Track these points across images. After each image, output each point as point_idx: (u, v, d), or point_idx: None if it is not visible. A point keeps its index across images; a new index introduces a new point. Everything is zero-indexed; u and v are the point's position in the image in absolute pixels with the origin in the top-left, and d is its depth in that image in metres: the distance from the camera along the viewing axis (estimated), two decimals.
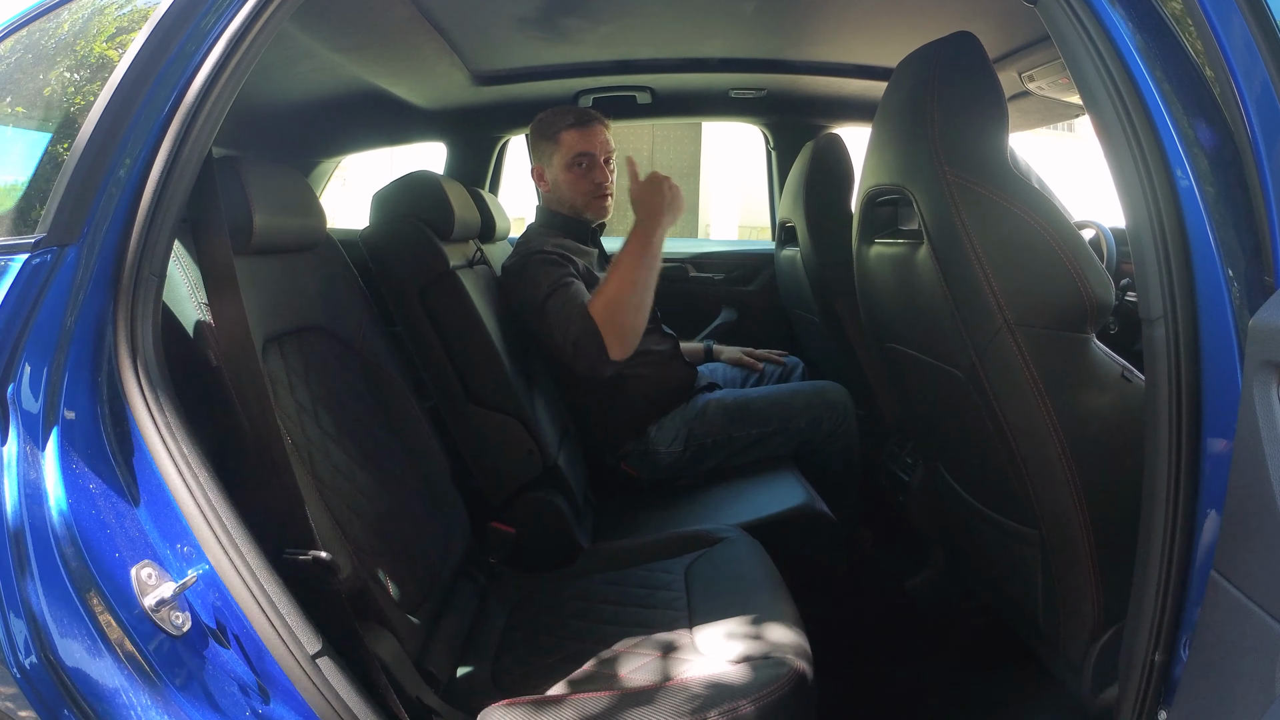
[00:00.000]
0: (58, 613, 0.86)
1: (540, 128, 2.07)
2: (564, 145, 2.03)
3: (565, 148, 2.03)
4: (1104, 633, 1.17)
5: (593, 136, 2.03)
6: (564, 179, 2.04)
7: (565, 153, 2.03)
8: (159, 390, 0.92)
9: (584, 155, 2.03)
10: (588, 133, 2.02)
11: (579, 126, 2.02)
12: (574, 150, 2.02)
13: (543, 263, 1.89)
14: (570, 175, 2.03)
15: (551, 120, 2.06)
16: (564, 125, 2.03)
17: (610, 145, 2.07)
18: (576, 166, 2.03)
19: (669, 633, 1.24)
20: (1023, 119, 2.43)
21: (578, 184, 2.04)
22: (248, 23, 0.97)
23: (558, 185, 2.06)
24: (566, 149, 2.03)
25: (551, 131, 2.04)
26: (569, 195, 2.05)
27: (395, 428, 1.46)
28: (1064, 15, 0.91)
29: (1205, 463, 0.83)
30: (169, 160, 0.94)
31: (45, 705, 0.86)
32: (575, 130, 2.02)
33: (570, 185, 2.04)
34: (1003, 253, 1.12)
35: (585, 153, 2.02)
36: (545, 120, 2.07)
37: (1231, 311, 0.80)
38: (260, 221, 1.16)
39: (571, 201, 2.06)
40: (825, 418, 2.07)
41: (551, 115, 2.07)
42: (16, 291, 0.91)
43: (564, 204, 2.07)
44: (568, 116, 2.04)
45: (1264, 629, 0.67)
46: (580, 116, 2.04)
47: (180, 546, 0.91)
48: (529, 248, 1.95)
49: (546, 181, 2.09)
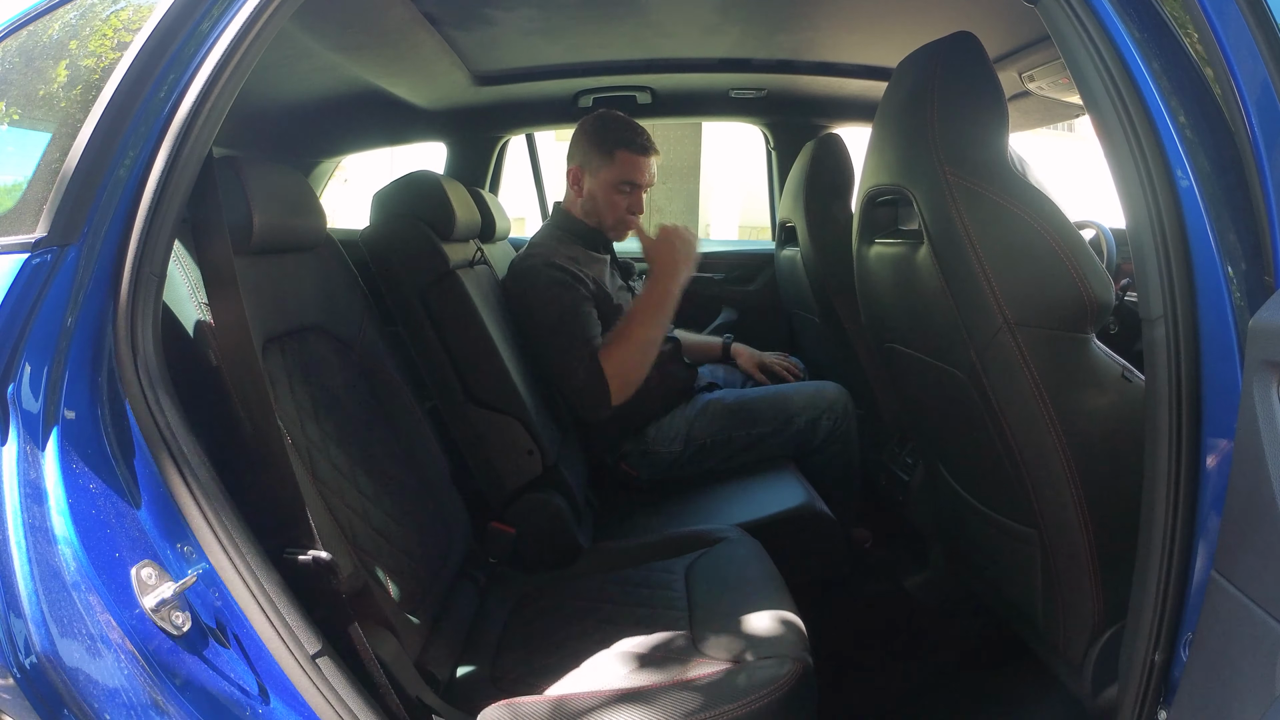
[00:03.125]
0: (58, 613, 0.86)
1: (596, 134, 2.02)
2: (617, 164, 1.99)
3: (617, 168, 1.99)
4: (1104, 633, 1.17)
5: (646, 167, 2.01)
6: (603, 196, 2.02)
7: (616, 173, 2.00)
8: (159, 390, 0.92)
9: (632, 184, 2.01)
10: (644, 161, 2.00)
11: (638, 153, 1.99)
12: (625, 176, 1.99)
13: (554, 282, 1.87)
14: (612, 197, 2.01)
15: (612, 133, 2.00)
16: (623, 145, 1.99)
17: (655, 176, 2.06)
18: (621, 190, 2.01)
19: (669, 633, 1.24)
20: (1023, 119, 2.44)
21: (615, 206, 2.02)
22: (248, 23, 0.97)
23: (594, 198, 2.03)
24: (618, 170, 1.99)
25: (608, 145, 1.99)
26: (602, 212, 2.03)
27: (395, 428, 1.46)
28: (1064, 15, 0.91)
29: (1205, 463, 0.83)
30: (169, 160, 0.94)
31: (45, 705, 0.86)
32: (633, 156, 1.99)
33: (608, 205, 2.02)
34: (1003, 253, 1.12)
35: (634, 182, 2.01)
36: (604, 128, 2.02)
37: (1231, 311, 0.80)
38: (260, 221, 1.16)
39: (601, 218, 2.04)
40: (824, 418, 2.07)
41: (613, 126, 2.02)
42: (16, 291, 0.91)
43: (591, 216, 2.05)
44: (629, 138, 1.99)
45: (1264, 629, 0.67)
46: (641, 143, 2.00)
47: (180, 546, 0.91)
48: (541, 256, 1.93)
49: (582, 189, 2.04)
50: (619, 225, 2.05)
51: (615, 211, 2.03)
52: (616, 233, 2.07)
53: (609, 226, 2.05)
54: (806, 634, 1.20)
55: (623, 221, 2.04)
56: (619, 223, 2.05)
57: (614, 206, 2.02)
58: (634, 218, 2.06)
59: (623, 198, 2.02)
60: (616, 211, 2.02)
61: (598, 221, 2.05)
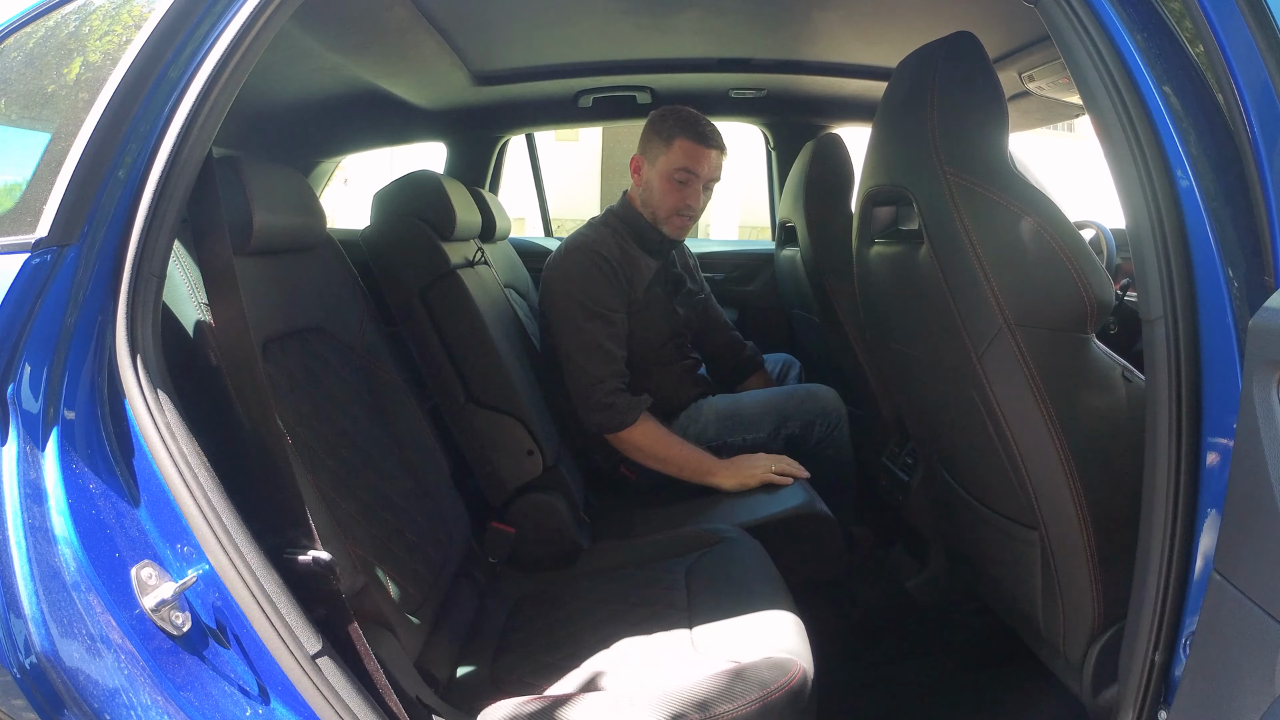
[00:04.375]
0: (58, 613, 0.86)
1: (659, 123, 2.00)
2: (673, 151, 1.96)
3: (674, 154, 1.96)
4: (1104, 633, 1.17)
5: (705, 156, 1.97)
6: (658, 184, 1.99)
7: (671, 159, 1.97)
8: (159, 390, 0.92)
9: (688, 171, 1.97)
10: (703, 151, 1.96)
11: (697, 140, 1.96)
12: (680, 162, 1.96)
13: (590, 276, 1.90)
14: (665, 184, 1.98)
15: (674, 121, 1.98)
16: (683, 133, 1.96)
17: (719, 173, 2.02)
18: (676, 178, 1.97)
19: (669, 633, 1.24)
20: (1023, 119, 2.44)
21: (668, 194, 1.98)
22: (248, 23, 0.97)
23: (649, 186, 2.01)
24: (674, 157, 1.96)
25: (668, 133, 1.97)
26: (654, 201, 2.00)
27: (395, 428, 1.46)
28: (1064, 15, 0.91)
29: (1205, 463, 0.83)
30: (169, 160, 0.94)
31: (45, 705, 0.86)
32: (691, 143, 1.96)
33: (661, 193, 1.99)
34: (1003, 253, 1.12)
35: (690, 169, 1.97)
36: (667, 117, 2.00)
37: (1231, 311, 0.80)
38: (260, 221, 1.16)
39: (654, 208, 2.01)
40: (818, 423, 2.07)
41: (676, 115, 1.99)
42: (16, 291, 0.91)
43: (647, 206, 2.02)
44: (690, 126, 1.97)
45: (1264, 629, 0.67)
46: (702, 132, 1.97)
47: (180, 546, 0.91)
48: (590, 244, 1.94)
49: (641, 176, 2.03)
50: (673, 217, 2.01)
51: (667, 199, 1.98)
52: (671, 226, 2.02)
53: (662, 218, 2.01)
54: (806, 634, 1.20)
55: (676, 211, 2.00)
56: (672, 213, 2.00)
57: (666, 193, 1.98)
58: (692, 212, 2.01)
59: (678, 187, 1.97)
60: (669, 199, 1.98)
61: (651, 213, 2.02)
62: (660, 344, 2.06)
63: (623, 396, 1.87)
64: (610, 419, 1.86)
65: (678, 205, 1.99)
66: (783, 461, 1.90)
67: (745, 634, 1.19)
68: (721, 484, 1.88)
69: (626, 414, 1.86)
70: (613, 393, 1.87)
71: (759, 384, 2.37)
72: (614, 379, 1.88)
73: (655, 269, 2.07)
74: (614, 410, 1.86)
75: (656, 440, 1.89)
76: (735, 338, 2.43)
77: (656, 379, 2.04)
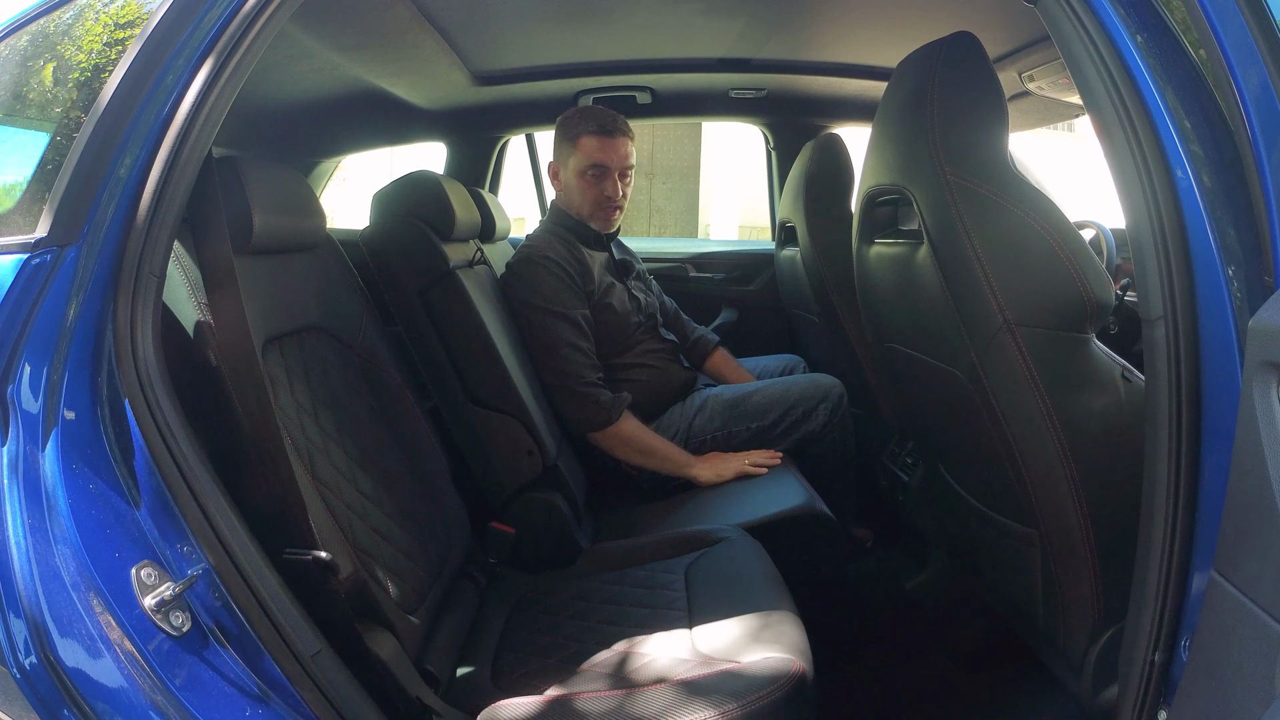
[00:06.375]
0: (58, 613, 0.86)
1: (563, 127, 2.07)
2: (581, 151, 2.02)
3: (582, 154, 2.02)
4: (1104, 633, 1.17)
5: (611, 148, 2.02)
6: (575, 184, 2.05)
7: (581, 159, 2.03)
8: (159, 390, 0.92)
9: (598, 166, 2.02)
10: (607, 143, 2.02)
11: (600, 135, 2.01)
12: (590, 159, 2.02)
13: (547, 282, 1.93)
14: (581, 183, 2.04)
15: (575, 122, 2.04)
16: (585, 130, 2.02)
17: (630, 158, 2.06)
18: (589, 175, 2.03)
19: (669, 633, 1.24)
20: (1023, 119, 2.44)
21: (587, 192, 2.05)
22: (248, 23, 0.97)
23: (569, 188, 2.07)
24: (583, 155, 2.02)
25: (572, 134, 2.03)
26: (577, 201, 2.06)
27: (395, 428, 1.46)
28: (1064, 15, 0.91)
29: (1205, 463, 0.83)
30: (169, 160, 0.94)
31: (45, 705, 0.86)
32: (595, 138, 2.01)
33: (580, 192, 2.05)
34: (1003, 253, 1.12)
35: (600, 164, 2.02)
36: (569, 121, 2.06)
37: (1231, 311, 0.80)
38: (260, 221, 1.16)
39: (579, 208, 2.07)
40: (821, 409, 2.08)
41: (576, 116, 2.06)
42: (16, 291, 0.91)
43: (572, 208, 2.08)
44: (591, 122, 2.02)
45: (1264, 629, 0.67)
46: (603, 125, 2.02)
47: (180, 546, 0.91)
48: (537, 251, 1.97)
49: (560, 181, 2.09)
50: (597, 212, 2.07)
51: (587, 196, 2.05)
52: (598, 221, 2.08)
53: (588, 215, 2.07)
54: (806, 634, 1.20)
55: (600, 206, 2.06)
56: (596, 209, 2.06)
57: (585, 191, 2.05)
58: (613, 204, 2.06)
59: (594, 183, 2.04)
60: (588, 196, 2.05)
61: (578, 212, 2.07)
62: (631, 327, 2.10)
63: (602, 392, 1.90)
64: (596, 415, 1.89)
65: (598, 199, 2.05)
66: (756, 454, 1.95)
67: (745, 634, 1.19)
68: (698, 476, 1.92)
69: (611, 410, 1.89)
70: (590, 385, 1.90)
71: (723, 363, 2.40)
72: (588, 371, 1.91)
73: (603, 259, 2.13)
74: (599, 406, 1.88)
75: (640, 435, 1.93)
76: (685, 320, 2.46)
77: (639, 362, 2.08)
